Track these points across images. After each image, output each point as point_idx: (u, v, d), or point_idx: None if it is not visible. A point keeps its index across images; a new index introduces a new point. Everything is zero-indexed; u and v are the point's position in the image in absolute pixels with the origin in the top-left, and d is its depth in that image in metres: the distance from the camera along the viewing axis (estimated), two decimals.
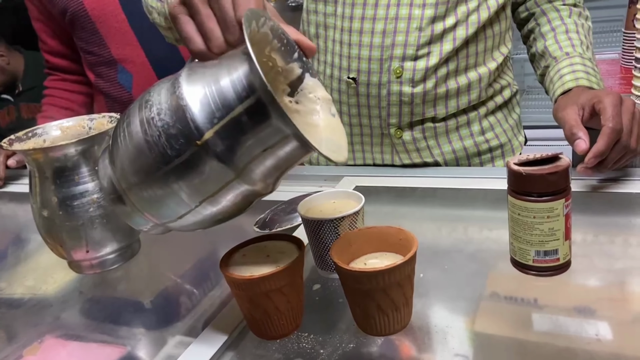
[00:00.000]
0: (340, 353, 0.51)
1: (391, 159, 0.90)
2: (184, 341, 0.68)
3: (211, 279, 0.86)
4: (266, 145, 0.44)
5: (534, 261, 0.56)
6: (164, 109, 0.44)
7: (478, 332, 0.55)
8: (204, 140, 0.43)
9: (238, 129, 0.43)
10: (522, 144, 0.93)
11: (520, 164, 0.54)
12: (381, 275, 0.48)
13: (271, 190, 0.51)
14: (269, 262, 0.52)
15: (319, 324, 0.56)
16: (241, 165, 0.45)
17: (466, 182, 0.82)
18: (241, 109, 0.43)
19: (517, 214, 0.55)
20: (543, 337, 0.53)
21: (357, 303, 0.51)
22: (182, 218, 0.48)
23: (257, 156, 0.45)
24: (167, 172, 0.45)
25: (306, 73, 0.52)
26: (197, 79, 0.45)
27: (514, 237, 0.57)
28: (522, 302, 0.59)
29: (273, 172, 0.48)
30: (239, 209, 0.50)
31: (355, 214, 0.60)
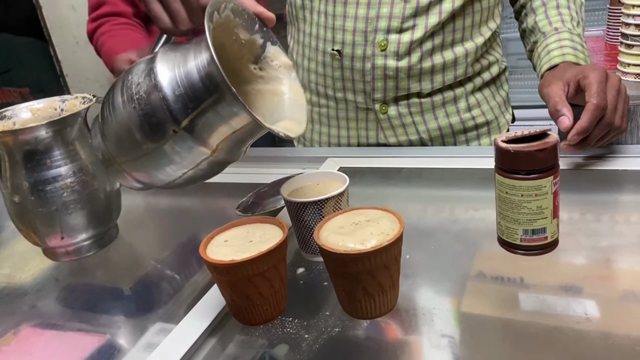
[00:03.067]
0: (326, 337, 0.50)
1: (376, 137, 0.88)
2: (165, 328, 0.67)
3: (192, 264, 0.84)
4: (234, 129, 0.50)
5: (522, 240, 0.55)
6: (143, 98, 0.49)
7: (465, 312, 0.54)
8: (181, 128, 0.49)
9: (209, 116, 0.49)
10: (509, 122, 0.91)
11: (507, 141, 0.53)
12: (367, 258, 0.46)
13: (241, 157, 0.58)
14: (252, 247, 0.51)
15: (303, 308, 0.54)
16: (214, 144, 0.50)
17: (452, 161, 0.81)
18: (210, 102, 0.48)
19: (504, 192, 0.53)
20: (531, 316, 0.52)
21: (343, 286, 0.49)
22: (169, 184, 0.55)
23: (228, 137, 0.51)
24: (150, 153, 0.51)
25: (267, 42, 0.58)
26: (170, 68, 0.50)
27: (501, 216, 0.56)
28: (509, 281, 0.59)
29: (242, 145, 0.55)
30: (217, 171, 0.57)
31: (339, 196, 0.58)
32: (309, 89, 0.93)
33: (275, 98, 0.58)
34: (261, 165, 0.91)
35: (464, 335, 0.50)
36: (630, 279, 0.55)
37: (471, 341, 0.50)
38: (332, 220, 0.52)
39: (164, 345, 0.53)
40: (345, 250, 0.46)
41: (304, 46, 0.90)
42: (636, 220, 0.65)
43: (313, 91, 0.92)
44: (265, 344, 0.51)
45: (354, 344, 0.49)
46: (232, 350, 0.52)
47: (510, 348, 0.49)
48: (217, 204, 0.90)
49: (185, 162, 0.51)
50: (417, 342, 0.50)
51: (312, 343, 0.49)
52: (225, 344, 0.53)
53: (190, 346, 0.52)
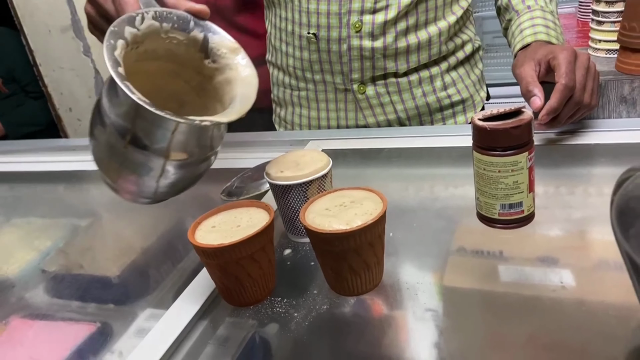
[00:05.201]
0: (315, 315, 0.51)
1: (355, 118, 0.90)
2: (156, 314, 0.68)
3: (179, 250, 0.85)
4: (170, 130, 0.53)
5: (500, 214, 0.57)
6: (97, 119, 0.55)
7: (447, 286, 0.56)
8: (127, 143, 0.53)
9: (144, 127, 0.53)
10: (483, 100, 0.93)
11: (484, 119, 0.54)
12: (352, 236, 0.48)
13: (214, 148, 0.61)
14: (240, 231, 0.52)
15: (291, 288, 0.56)
16: (164, 149, 0.54)
17: (430, 140, 0.83)
18: (135, 115, 0.52)
19: (482, 169, 0.55)
20: (509, 287, 0.55)
21: (329, 265, 0.51)
22: (155, 194, 0.59)
23: (171, 138, 0.53)
24: (120, 167, 0.56)
25: (208, 33, 0.58)
26: (109, 94, 0.54)
27: (479, 192, 0.57)
28: (489, 255, 0.61)
29: (203, 144, 0.57)
30: (199, 172, 0.60)
31: (323, 177, 0.59)
32: (287, 72, 0.93)
33: (229, 86, 0.59)
34: (243, 150, 0.92)
35: (447, 308, 0.52)
36: (602, 249, 0.58)
37: (454, 313, 0.52)
38: (317, 202, 0.53)
39: (156, 329, 0.54)
40: (331, 230, 0.48)
41: (281, 30, 0.91)
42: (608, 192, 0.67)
43: (292, 75, 0.92)
44: (255, 324, 0.53)
45: (342, 320, 0.51)
46: (223, 332, 0.54)
47: (491, 318, 0.51)
48: (200, 190, 0.90)
49: (151, 172, 0.55)
50: (402, 316, 0.52)
51: (302, 321, 0.51)
52: (217, 325, 0.54)
53: (182, 330, 0.53)
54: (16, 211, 0.97)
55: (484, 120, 0.54)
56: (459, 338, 0.49)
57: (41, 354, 0.63)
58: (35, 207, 0.97)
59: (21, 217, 0.95)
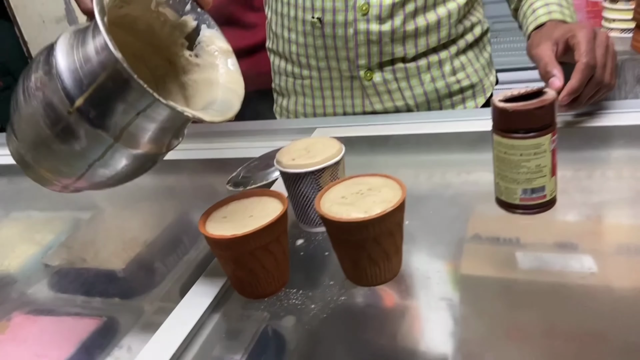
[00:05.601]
0: (333, 307, 0.50)
1: (362, 104, 0.87)
2: (164, 307, 0.66)
3: (184, 242, 0.83)
4: (138, 110, 0.45)
5: (521, 200, 0.55)
6: (39, 77, 0.45)
7: (464, 274, 0.54)
8: (75, 108, 0.44)
9: (106, 95, 0.44)
10: (493, 84, 0.91)
11: (505, 100, 0.52)
12: (371, 225, 0.46)
13: (167, 150, 0.51)
14: (252, 221, 0.50)
15: (306, 279, 0.54)
16: (117, 129, 0.45)
17: (440, 126, 0.81)
18: (104, 77, 0.44)
19: (503, 152, 0.53)
20: (529, 275, 0.53)
21: (347, 254, 0.49)
22: (79, 179, 0.49)
23: (132, 120, 0.45)
24: (51, 139, 0.46)
25: (202, 24, 0.53)
26: (70, 46, 0.45)
27: (500, 177, 0.56)
28: (505, 242, 0.59)
29: (161, 134, 0.48)
30: (141, 168, 0.50)
31: (336, 164, 0.57)
32: (290, 60, 0.91)
33: (208, 88, 0.53)
34: (248, 139, 0.89)
35: (465, 297, 0.50)
36: (623, 233, 0.56)
37: (472, 302, 0.50)
38: (333, 190, 0.51)
39: (167, 324, 0.52)
40: (349, 218, 0.46)
41: (282, 16, 0.88)
42: (628, 174, 0.66)
43: (295, 62, 0.90)
44: (270, 316, 0.51)
45: (360, 311, 0.49)
46: (237, 325, 0.52)
47: (510, 307, 0.50)
48: (205, 181, 0.89)
49: (88, 152, 0.46)
50: (420, 306, 0.50)
51: (319, 313, 0.49)
52: (230, 319, 0.52)
53: (194, 324, 0.51)
54: (16, 205, 0.95)
55: (504, 102, 0.52)
56: (478, 328, 0.48)
57: (47, 351, 0.62)
58: (35, 200, 0.94)
59: (21, 211, 0.93)
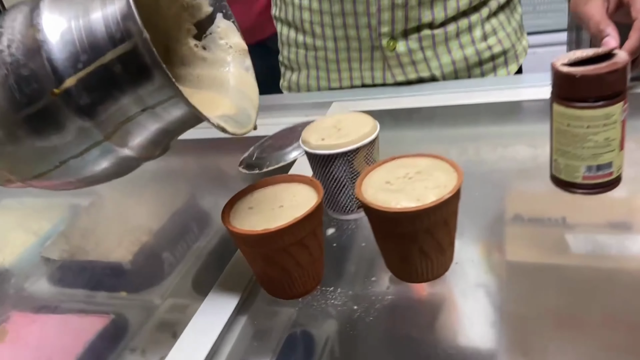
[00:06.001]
0: (379, 307, 0.43)
1: (382, 77, 0.80)
2: (177, 304, 0.61)
3: (194, 230, 0.77)
4: (145, 105, 0.35)
5: (584, 178, 0.48)
6: (16, 40, 0.35)
7: (511, 261, 0.48)
8: (63, 89, 0.34)
9: (109, 80, 0.34)
10: (526, 49, 0.84)
11: (570, 64, 0.45)
12: (426, 215, 0.39)
13: (158, 154, 0.41)
14: (284, 213, 0.43)
15: (343, 275, 0.48)
16: (112, 125, 0.36)
17: (471, 96, 0.74)
18: (113, 55, 0.33)
19: (565, 124, 0.47)
20: (582, 259, 0.47)
21: (394, 248, 0.43)
22: (41, 177, 0.39)
23: (133, 116, 0.36)
24: (16, 121, 0.35)
25: (218, 13, 0.45)
26: (65, 7, 0.35)
27: (559, 153, 0.49)
28: (551, 223, 0.53)
29: (158, 138, 0.38)
30: (116, 172, 0.41)
31: (371, 144, 0.50)
32: (302, 29, 0.83)
33: (213, 88, 0.44)
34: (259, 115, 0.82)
35: (515, 287, 0.45)
36: None
37: (523, 292, 0.45)
38: (374, 174, 0.45)
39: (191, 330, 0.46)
40: (400, 208, 0.39)
41: None
42: None
43: (307, 32, 0.82)
44: (308, 319, 0.45)
45: (413, 312, 0.43)
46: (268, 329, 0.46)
47: (566, 296, 0.44)
48: (214, 163, 0.82)
49: (65, 146, 0.36)
50: (471, 300, 0.44)
51: (364, 315, 0.43)
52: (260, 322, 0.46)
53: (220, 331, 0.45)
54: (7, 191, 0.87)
55: (570, 66, 0.45)
56: (529, 319, 0.42)
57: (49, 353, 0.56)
58: None
59: (13, 198, 0.86)
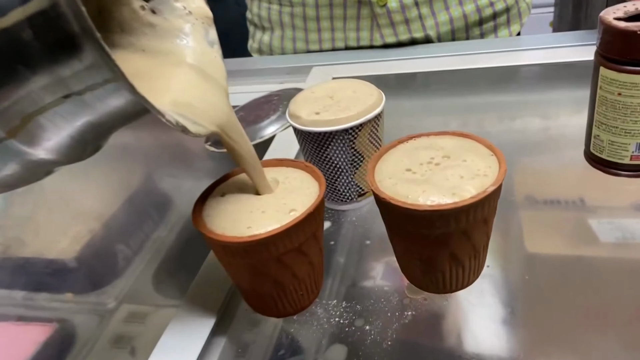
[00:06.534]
0: (398, 328, 0.34)
1: (370, 37, 0.69)
2: (137, 312, 0.51)
3: (152, 217, 0.67)
4: (69, 90, 0.24)
5: (633, 158, 0.40)
6: None
7: (532, 253, 0.41)
8: None
9: (13, 51, 0.23)
10: (530, 7, 0.75)
11: (625, 18, 0.37)
12: (464, 213, 0.30)
13: (87, 156, 0.30)
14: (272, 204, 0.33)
15: (347, 283, 0.38)
16: (17, 117, 0.25)
17: (468, 60, 0.65)
18: (21, 16, 0.22)
19: (615, 93, 0.38)
20: (609, 249, 0.40)
21: (416, 252, 0.33)
22: None
23: (50, 106, 0.25)
24: None
25: None
26: None
27: (603, 127, 0.41)
28: (567, 205, 0.46)
29: (86, 136, 0.27)
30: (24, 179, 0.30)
31: (376, 119, 0.41)
32: None
33: (167, 67, 0.33)
34: None
35: (537, 280, 0.37)
36: None
37: (545, 286, 0.37)
38: (388, 159, 0.35)
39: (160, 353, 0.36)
40: (433, 206, 0.30)
41: None
42: None
43: None
44: (306, 343, 0.35)
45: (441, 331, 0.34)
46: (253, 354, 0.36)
47: (593, 289, 0.37)
48: (175, 138, 0.70)
49: None
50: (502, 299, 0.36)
51: (380, 338, 0.34)
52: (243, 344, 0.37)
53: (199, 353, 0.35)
54: None
55: (626, 20, 0.36)
56: (553, 316, 0.35)
57: None
58: None
59: None
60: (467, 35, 0.70)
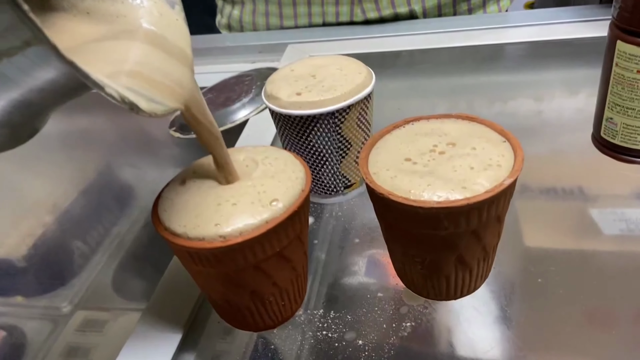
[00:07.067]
0: (396, 343, 0.30)
1: (350, 12, 0.64)
2: (92, 319, 0.47)
3: (112, 209, 0.61)
4: None
5: None
6: None
7: (530, 247, 0.37)
8: None
9: None
10: None
11: None
12: (477, 210, 0.25)
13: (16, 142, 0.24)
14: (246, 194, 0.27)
15: (335, 289, 0.34)
16: None
17: (456, 37, 0.60)
18: None
19: (633, 71, 0.34)
20: (612, 242, 0.37)
21: (420, 256, 0.29)
22: None
23: None
24: None
25: None
26: None
27: (617, 110, 0.36)
28: (565, 194, 0.43)
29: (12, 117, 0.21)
30: None
31: (366, 100, 0.36)
32: None
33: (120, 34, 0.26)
34: None
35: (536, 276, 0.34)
36: None
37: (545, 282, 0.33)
38: (385, 147, 0.30)
39: None
40: (441, 202, 0.25)
41: None
42: None
43: None
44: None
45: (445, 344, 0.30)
46: None
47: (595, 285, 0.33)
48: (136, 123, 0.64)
49: None
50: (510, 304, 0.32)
51: (376, 355, 0.29)
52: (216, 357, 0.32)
53: None
54: None
55: None
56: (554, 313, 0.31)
57: None
58: None
59: None
60: (455, 11, 0.65)
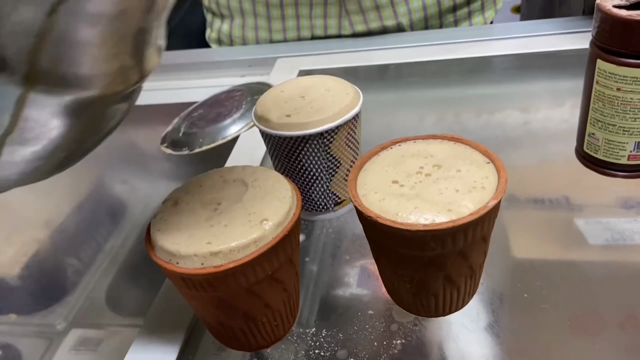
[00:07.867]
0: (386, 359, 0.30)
1: (338, 26, 0.65)
2: (86, 337, 0.47)
3: (105, 225, 0.61)
4: None
5: (630, 157, 0.37)
6: None
7: (518, 258, 0.38)
8: None
9: None
10: None
11: (625, 6, 0.33)
12: (463, 232, 0.26)
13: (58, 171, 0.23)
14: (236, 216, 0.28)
15: (326, 307, 0.34)
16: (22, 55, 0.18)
17: (443, 50, 0.61)
18: None
19: (614, 88, 0.35)
20: (598, 252, 0.38)
21: (408, 275, 0.29)
22: None
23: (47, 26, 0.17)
24: None
25: None
26: None
27: (598, 125, 0.37)
28: (551, 204, 0.44)
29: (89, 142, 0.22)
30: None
31: (354, 120, 0.36)
32: None
33: None
34: (181, 76, 0.65)
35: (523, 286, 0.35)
36: None
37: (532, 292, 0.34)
38: (371, 169, 0.31)
39: None
40: (427, 225, 0.26)
41: None
42: None
43: None
44: None
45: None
46: None
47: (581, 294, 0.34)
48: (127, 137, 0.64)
49: None
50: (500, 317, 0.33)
51: None
52: None
53: None
54: None
55: (627, 9, 0.33)
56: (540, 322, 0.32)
57: None
58: None
59: None
60: (441, 23, 0.66)
